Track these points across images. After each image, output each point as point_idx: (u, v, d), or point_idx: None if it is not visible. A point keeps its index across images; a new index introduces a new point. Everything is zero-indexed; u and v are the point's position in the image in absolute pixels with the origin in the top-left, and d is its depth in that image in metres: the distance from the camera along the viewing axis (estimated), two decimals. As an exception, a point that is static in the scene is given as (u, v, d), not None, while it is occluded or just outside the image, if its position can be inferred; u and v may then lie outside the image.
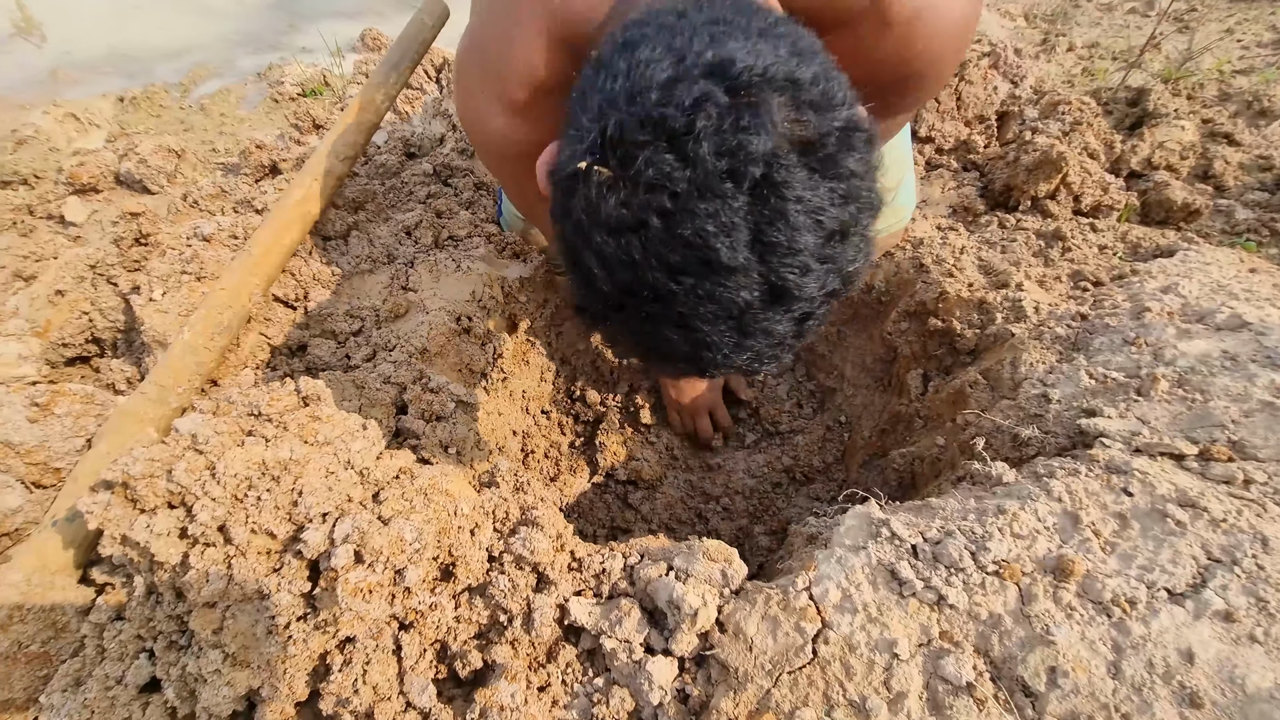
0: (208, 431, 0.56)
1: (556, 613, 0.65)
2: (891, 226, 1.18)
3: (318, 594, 0.56)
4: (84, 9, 2.82)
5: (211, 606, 0.57)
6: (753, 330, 0.46)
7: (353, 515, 0.55)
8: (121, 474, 0.53)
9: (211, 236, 1.02)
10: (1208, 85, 1.70)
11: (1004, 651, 0.52)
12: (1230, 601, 0.50)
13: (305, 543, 0.54)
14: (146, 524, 0.53)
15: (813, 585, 0.60)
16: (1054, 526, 0.59)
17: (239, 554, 0.55)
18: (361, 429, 0.62)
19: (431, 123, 1.82)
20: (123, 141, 1.92)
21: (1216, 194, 1.41)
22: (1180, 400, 0.71)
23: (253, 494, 0.54)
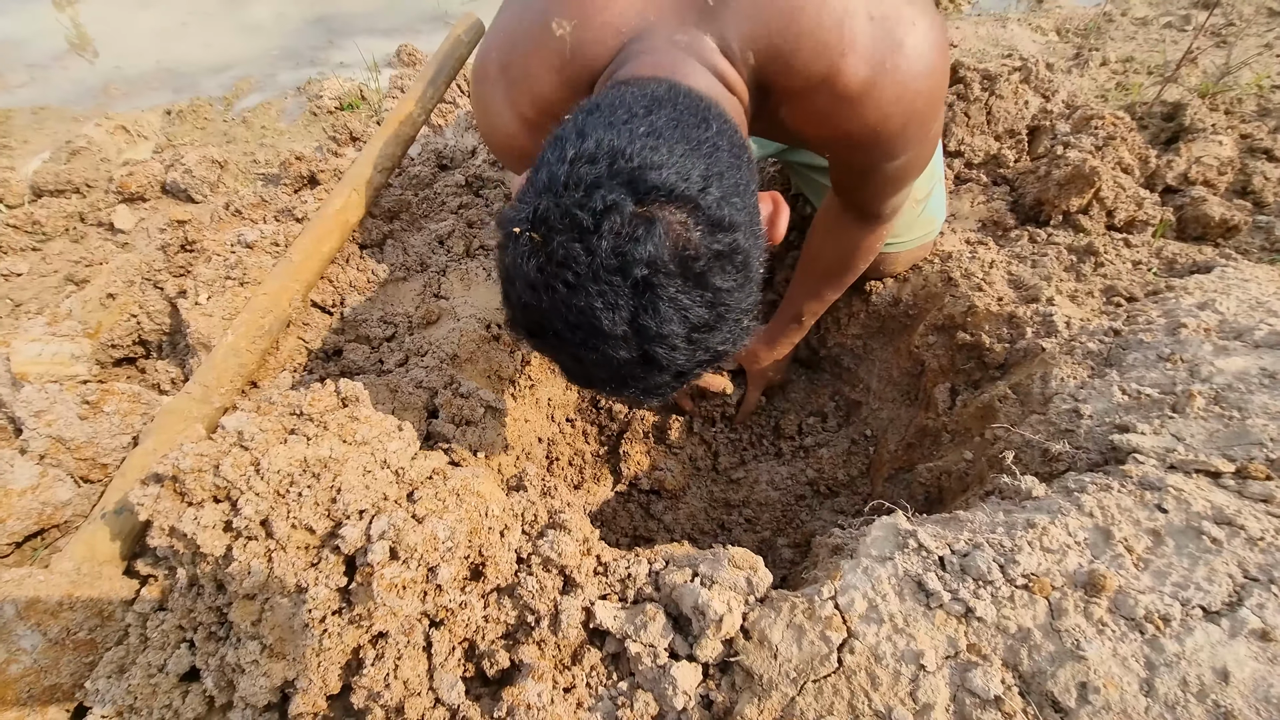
0: (253, 429, 0.58)
1: (582, 615, 0.66)
2: (921, 238, 1.18)
3: (353, 589, 0.57)
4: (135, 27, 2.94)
5: (251, 599, 0.59)
6: (630, 381, 0.57)
7: (389, 513, 0.57)
8: (172, 468, 0.56)
9: (254, 243, 1.05)
10: (1246, 100, 1.67)
11: (1033, 666, 0.52)
12: (1267, 620, 0.49)
13: (343, 538, 0.56)
14: (194, 516, 0.55)
15: (838, 594, 0.60)
16: (1085, 541, 0.58)
17: (279, 548, 0.56)
18: (397, 430, 0.64)
19: (464, 135, 1.86)
20: (169, 152, 2.00)
21: (1256, 210, 1.38)
22: (1217, 417, 0.69)
23: (294, 490, 0.56)
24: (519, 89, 0.77)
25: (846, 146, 0.78)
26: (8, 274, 1.58)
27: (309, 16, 2.95)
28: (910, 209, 1.15)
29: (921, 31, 0.69)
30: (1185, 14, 2.16)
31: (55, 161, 1.97)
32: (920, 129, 0.76)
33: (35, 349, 0.94)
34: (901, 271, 1.24)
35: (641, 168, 0.51)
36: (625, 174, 0.51)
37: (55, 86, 2.57)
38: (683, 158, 0.52)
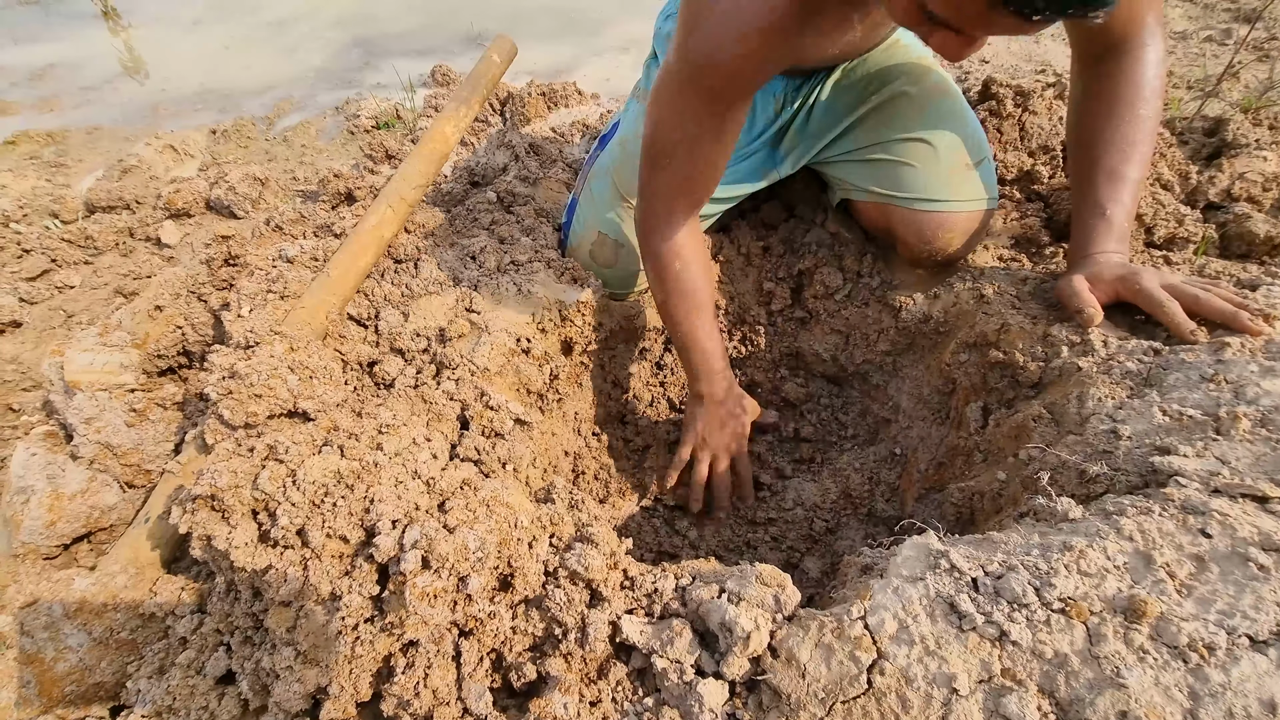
0: (287, 441, 0.60)
1: (609, 629, 0.66)
2: (976, 203, 1.15)
3: (386, 597, 0.58)
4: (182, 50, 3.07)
5: (286, 605, 0.60)
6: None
7: (421, 523, 0.58)
8: (209, 487, 0.58)
9: (295, 258, 1.09)
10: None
11: (1070, 693, 0.51)
12: (1321, 653, 0.47)
13: (376, 547, 0.57)
14: (228, 533, 0.56)
15: (868, 615, 0.59)
16: (1125, 566, 0.57)
17: (314, 556, 0.58)
18: (427, 441, 0.65)
19: (496, 153, 1.90)
20: (214, 170, 2.07)
21: (1304, 227, 1.34)
22: (1264, 440, 0.67)
23: (329, 500, 0.58)
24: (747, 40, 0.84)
25: None
26: (61, 286, 1.66)
27: (347, 39, 3.05)
28: (959, 170, 1.15)
29: None
30: (1226, 28, 2.12)
31: (108, 179, 2.06)
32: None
33: (87, 358, 0.98)
34: (957, 244, 1.19)
35: None
36: None
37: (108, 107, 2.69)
38: None
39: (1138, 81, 0.97)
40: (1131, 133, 0.99)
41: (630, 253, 1.36)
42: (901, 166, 1.16)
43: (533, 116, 2.22)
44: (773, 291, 1.49)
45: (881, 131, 1.19)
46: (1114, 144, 0.99)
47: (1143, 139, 0.99)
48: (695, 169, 1.03)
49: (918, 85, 1.17)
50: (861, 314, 1.37)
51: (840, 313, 1.41)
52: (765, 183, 1.35)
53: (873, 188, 1.21)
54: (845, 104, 1.24)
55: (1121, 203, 1.00)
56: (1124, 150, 0.99)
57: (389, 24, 3.15)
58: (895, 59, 1.21)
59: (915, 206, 1.15)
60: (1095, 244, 1.01)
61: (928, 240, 1.16)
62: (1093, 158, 1.01)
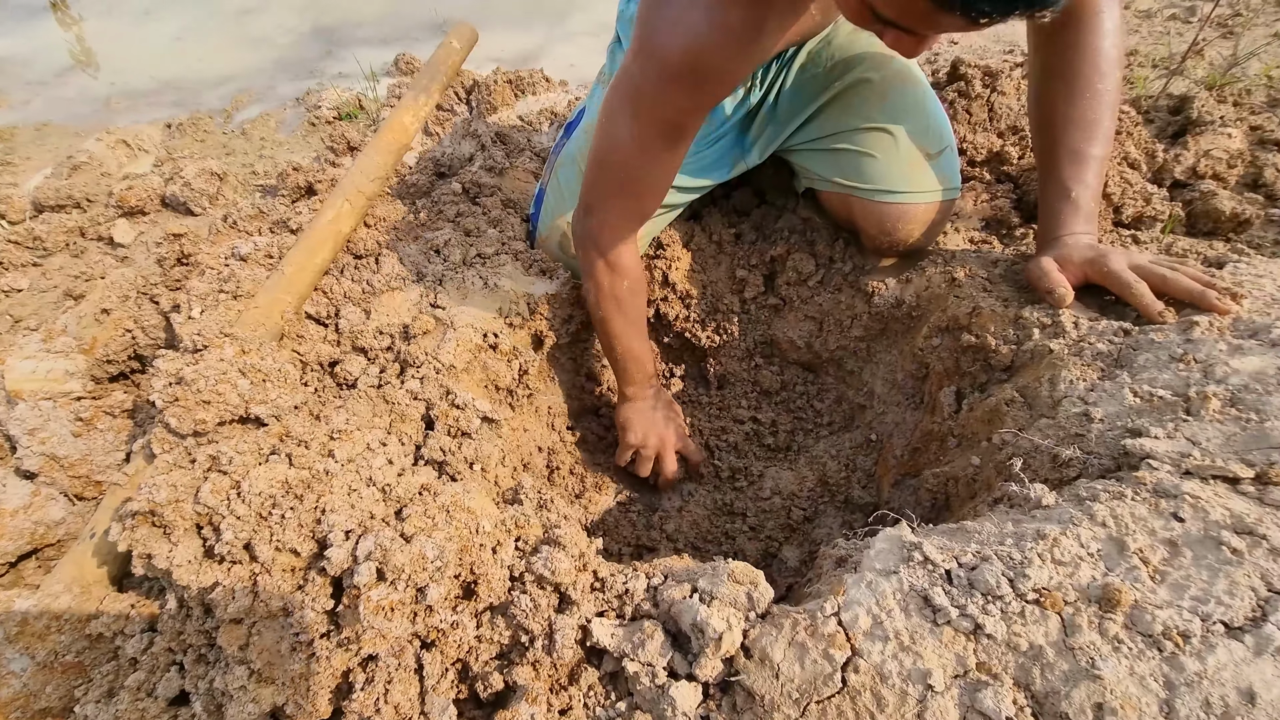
0: (230, 451, 0.56)
1: (579, 634, 0.64)
2: (934, 193, 1.15)
3: (341, 611, 0.56)
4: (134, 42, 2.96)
5: (238, 623, 0.58)
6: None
7: (375, 532, 0.55)
8: (147, 502, 0.54)
9: (248, 256, 1.04)
10: (1255, 91, 1.64)
11: (1046, 685, 0.50)
12: (1293, 637, 0.46)
13: (329, 560, 0.54)
14: (169, 550, 0.53)
15: (842, 611, 0.58)
16: (1098, 553, 0.56)
17: (264, 571, 0.55)
18: (382, 446, 0.63)
19: (461, 143, 1.85)
20: (169, 166, 2.00)
21: (1268, 203, 1.35)
22: (1234, 420, 0.67)
23: (277, 512, 0.55)
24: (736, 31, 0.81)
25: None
26: (8, 290, 1.58)
27: (307, 28, 2.96)
28: (919, 161, 1.14)
29: None
30: (1190, 5, 2.13)
31: (56, 177, 1.98)
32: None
33: (29, 366, 0.94)
34: (919, 235, 1.19)
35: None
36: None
37: (58, 103, 2.58)
38: None
39: (1095, 54, 0.96)
40: (1092, 110, 0.98)
41: (599, 243, 1.33)
42: (863, 157, 1.15)
43: (499, 105, 2.17)
44: (745, 279, 1.47)
45: (843, 120, 1.18)
46: (1075, 122, 0.99)
47: (1104, 115, 0.98)
48: (644, 180, 1.02)
49: (880, 72, 1.16)
50: (835, 300, 1.36)
51: (813, 299, 1.39)
52: (734, 173, 1.33)
53: (835, 178, 1.20)
54: (810, 91, 1.22)
55: (1086, 183, 0.99)
56: (1086, 129, 0.98)
57: (351, 12, 3.06)
58: (859, 44, 1.20)
59: (876, 198, 1.15)
60: (1063, 226, 1.01)
61: (888, 231, 1.16)
62: (1055, 137, 1.01)
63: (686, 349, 1.54)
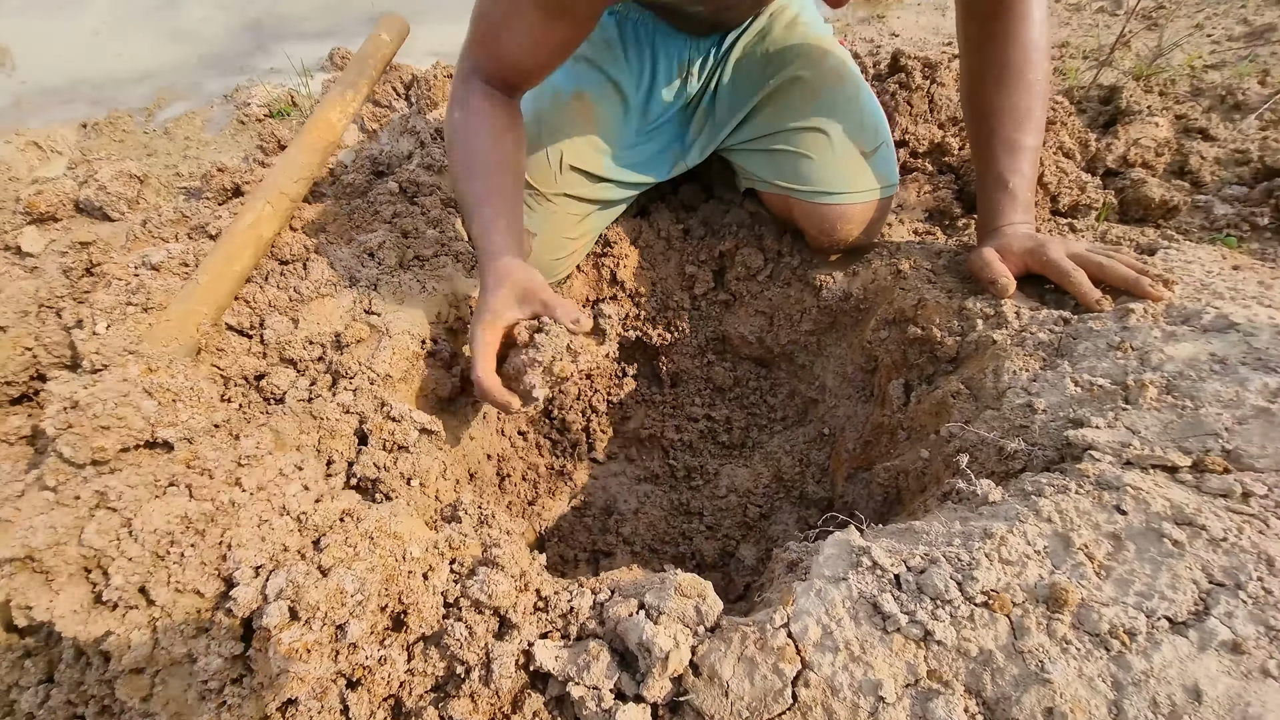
0: (120, 486, 0.51)
1: (521, 658, 0.61)
2: (871, 192, 1.14)
3: (252, 655, 0.51)
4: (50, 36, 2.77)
5: (139, 672, 0.52)
6: None
7: (288, 567, 0.51)
8: (21, 547, 0.49)
9: (160, 265, 0.97)
10: (1180, 81, 1.69)
11: (997, 691, 0.48)
12: (1237, 631, 0.46)
13: (235, 600, 0.49)
14: (49, 601, 0.48)
15: (791, 621, 0.56)
16: (1045, 550, 0.55)
17: (164, 615, 0.50)
18: (297, 470, 0.58)
19: (400, 140, 1.78)
20: (83, 168, 1.87)
21: (1194, 190, 1.39)
22: (1170, 408, 0.68)
23: (175, 550, 0.50)
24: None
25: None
26: (-102, 307, 1.45)
27: (236, 22, 2.81)
28: (856, 161, 1.14)
29: None
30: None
31: (-45, 183, 1.83)
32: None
33: (-91, 393, 0.85)
34: (858, 234, 1.19)
35: None
36: None
37: (-39, 103, 2.40)
38: None
39: (1025, 44, 0.97)
40: (1024, 100, 0.99)
41: (541, 242, 1.29)
42: (800, 158, 1.14)
43: (439, 100, 2.09)
44: (695, 275, 1.44)
45: (779, 120, 1.17)
46: (1008, 113, 1.00)
47: (1035, 105, 1.00)
48: (517, 58, 0.94)
49: (813, 69, 1.16)
50: (784, 294, 1.35)
51: (763, 294, 1.38)
52: (674, 172, 1.31)
53: (774, 180, 1.20)
54: (746, 87, 1.22)
55: (1022, 173, 1.00)
56: (1018, 119, 0.99)
57: (283, 4, 2.92)
58: (793, 39, 1.19)
59: (814, 199, 1.15)
60: (1002, 216, 1.01)
61: (828, 232, 1.16)
62: (990, 128, 1.02)
63: (638, 347, 1.51)
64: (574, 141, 1.20)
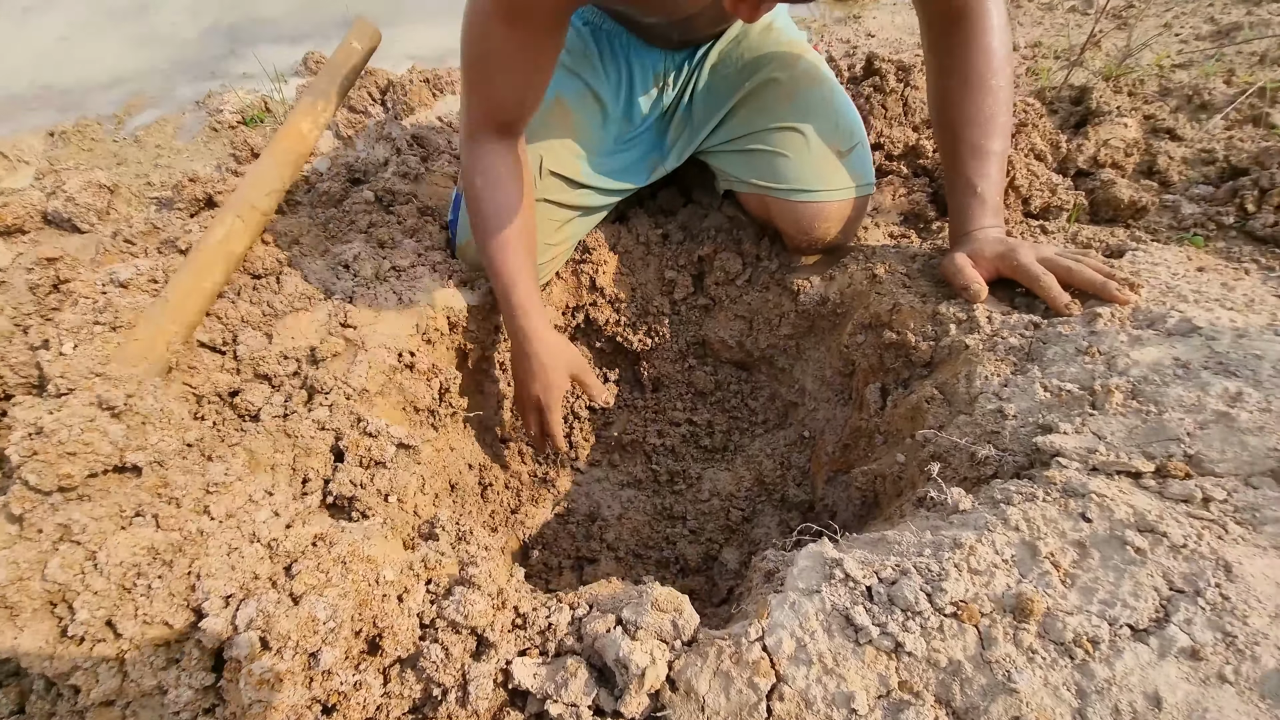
0: (84, 519, 0.50)
1: (499, 677, 0.61)
2: (846, 190, 1.16)
3: (224, 685, 0.51)
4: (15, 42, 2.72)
5: (109, 705, 0.52)
6: None
7: (258, 596, 0.50)
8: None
9: (129, 282, 0.96)
10: (1148, 81, 1.72)
11: (965, 701, 0.49)
12: (1196, 637, 0.47)
13: (204, 631, 0.49)
14: (14, 636, 0.47)
15: (766, 635, 0.57)
16: (1012, 559, 0.56)
17: (132, 648, 0.49)
18: (267, 495, 0.57)
19: (376, 147, 1.76)
20: (50, 179, 1.83)
21: (1162, 189, 1.41)
22: (1135, 413, 0.69)
23: (142, 582, 0.49)
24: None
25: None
26: None
27: (208, 25, 2.77)
28: (831, 160, 1.15)
29: None
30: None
31: (-83, 195, 1.79)
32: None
33: None
34: (835, 233, 1.20)
35: None
36: None
37: (-77, 112, 2.34)
38: None
39: (987, 51, 0.99)
40: (988, 106, 1.01)
41: (523, 250, 1.29)
42: (776, 157, 1.15)
43: (416, 105, 2.08)
44: (675, 280, 1.45)
45: (755, 120, 1.18)
46: (974, 120, 1.01)
47: (1000, 110, 1.01)
48: (508, 91, 0.99)
49: (788, 71, 1.17)
50: (763, 298, 1.36)
51: (742, 298, 1.39)
52: (653, 177, 1.31)
53: (751, 179, 1.20)
54: (722, 91, 1.23)
55: (989, 177, 1.02)
56: (983, 125, 1.01)
57: (257, 7, 2.88)
58: (768, 44, 1.20)
59: (791, 197, 1.16)
60: (972, 221, 1.03)
61: (805, 230, 1.17)
62: (956, 134, 1.03)
63: (619, 353, 1.51)
64: (553, 146, 1.20)
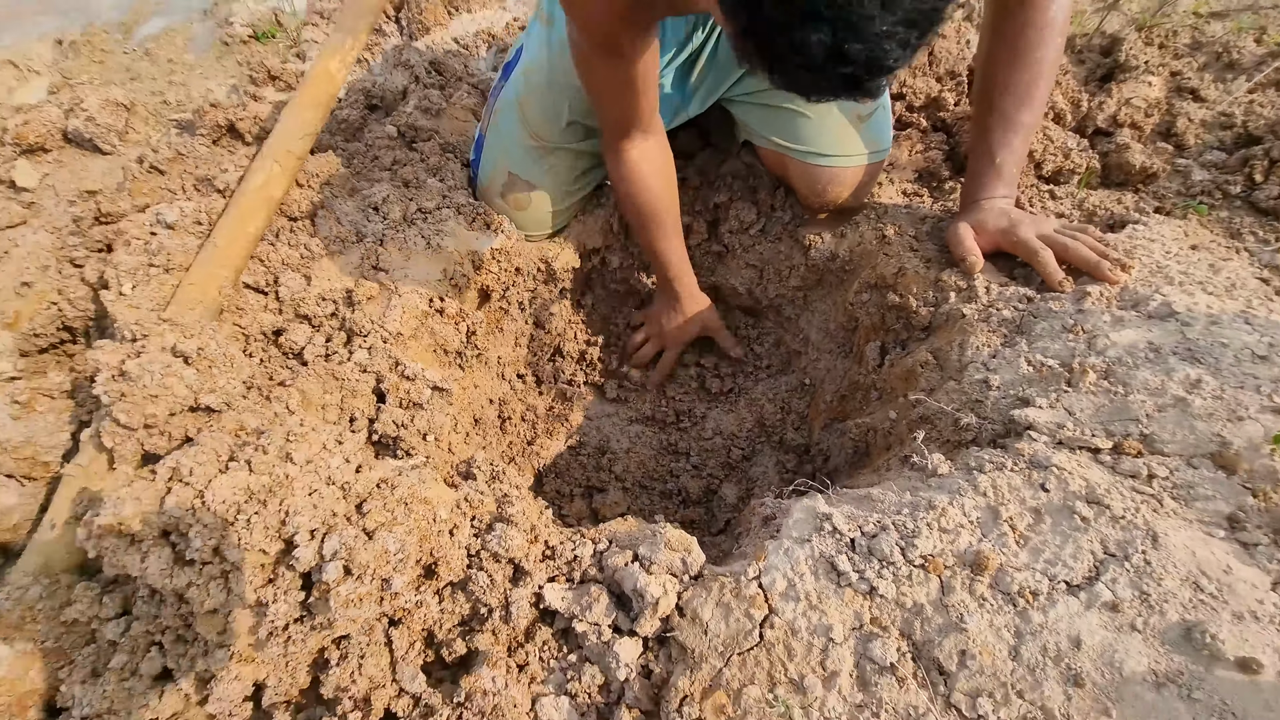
0: (190, 462, 0.59)
1: (532, 599, 0.72)
2: (862, 156, 1.19)
3: (313, 602, 0.61)
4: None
5: (214, 613, 0.62)
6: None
7: (339, 531, 0.60)
8: (113, 516, 0.57)
9: (175, 224, 1.01)
10: (1181, 33, 1.68)
11: (924, 636, 0.60)
12: (1118, 594, 0.57)
13: (297, 559, 0.59)
14: (140, 561, 0.57)
15: (761, 575, 0.67)
16: (976, 521, 0.65)
17: (235, 569, 0.59)
18: (338, 444, 0.66)
19: (393, 73, 1.75)
20: (66, 94, 1.83)
21: (1177, 153, 1.43)
22: (1104, 392, 0.76)
23: (242, 517, 0.59)
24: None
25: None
26: (-94, 244, 1.47)
27: (208, -79, 2.63)
28: (849, 125, 1.18)
29: None
30: (1133, -70, 2.12)
31: (-63, 108, 1.79)
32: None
33: (-48, 348, 0.91)
34: (848, 197, 1.24)
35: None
36: None
37: (-78, 11, 2.28)
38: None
39: (1041, 25, 0.99)
40: (1029, 77, 1.02)
41: (543, 192, 1.33)
42: (797, 116, 1.17)
43: (432, 25, 2.03)
44: (690, 225, 1.49)
45: None
46: (1011, 89, 1.03)
47: (1039, 84, 1.03)
48: (624, 102, 1.08)
49: None
50: (775, 249, 1.40)
51: (755, 248, 1.44)
52: (675, 123, 1.33)
53: (771, 136, 1.23)
54: None
55: (1013, 148, 1.05)
56: (1020, 96, 1.03)
57: (255, -98, 2.72)
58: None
59: (808, 160, 1.19)
60: (984, 189, 1.06)
61: (819, 193, 1.21)
62: (991, 101, 1.05)
63: (632, 294, 1.57)
64: (578, 93, 1.21)
